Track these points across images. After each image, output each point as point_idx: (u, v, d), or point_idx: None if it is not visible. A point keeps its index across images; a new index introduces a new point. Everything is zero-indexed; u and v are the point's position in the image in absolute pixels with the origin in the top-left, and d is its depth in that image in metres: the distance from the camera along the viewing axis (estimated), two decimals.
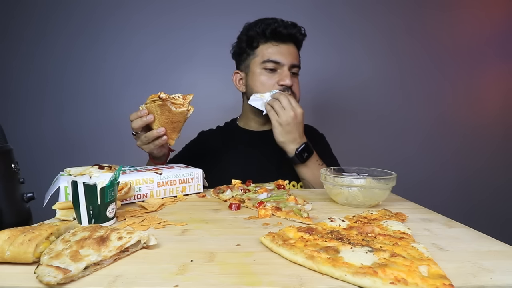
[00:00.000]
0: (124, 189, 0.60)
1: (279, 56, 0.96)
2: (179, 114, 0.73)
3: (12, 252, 0.35)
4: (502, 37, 1.74)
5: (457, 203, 1.74)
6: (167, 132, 0.76)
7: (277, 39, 0.96)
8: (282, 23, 0.97)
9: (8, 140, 0.53)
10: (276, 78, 0.97)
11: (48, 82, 1.73)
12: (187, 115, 0.74)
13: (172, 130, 0.76)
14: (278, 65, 0.96)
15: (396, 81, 1.73)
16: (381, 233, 0.42)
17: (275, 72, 0.97)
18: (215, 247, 0.40)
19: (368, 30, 1.72)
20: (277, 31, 0.95)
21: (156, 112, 0.73)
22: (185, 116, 0.74)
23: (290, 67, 0.97)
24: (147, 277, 0.32)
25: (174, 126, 0.75)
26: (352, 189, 0.59)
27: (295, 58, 0.99)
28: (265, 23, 0.96)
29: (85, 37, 1.71)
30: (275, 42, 0.97)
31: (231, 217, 0.55)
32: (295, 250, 0.36)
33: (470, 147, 1.77)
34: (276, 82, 0.96)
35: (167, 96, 0.71)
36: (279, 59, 0.96)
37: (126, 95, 1.71)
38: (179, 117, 0.73)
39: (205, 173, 0.78)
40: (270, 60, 0.96)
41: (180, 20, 1.69)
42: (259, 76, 0.98)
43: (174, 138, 0.78)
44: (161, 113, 0.73)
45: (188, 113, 0.74)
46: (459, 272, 0.32)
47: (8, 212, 0.50)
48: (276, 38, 0.96)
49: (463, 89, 1.76)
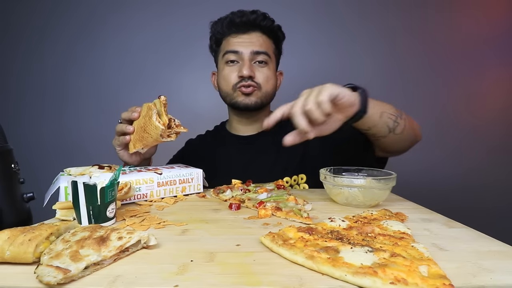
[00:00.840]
0: (124, 189, 0.60)
1: (237, 45, 0.91)
2: (154, 128, 0.64)
3: (12, 252, 0.35)
4: (501, 38, 1.74)
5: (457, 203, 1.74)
6: (134, 135, 0.70)
7: (235, 30, 0.93)
8: (239, 12, 0.92)
9: (8, 140, 0.53)
10: (236, 71, 0.92)
11: (48, 82, 1.73)
12: (162, 138, 0.65)
13: (140, 138, 0.68)
14: (238, 55, 0.92)
15: (395, 81, 1.73)
16: (381, 233, 0.42)
17: (236, 64, 0.93)
18: (215, 247, 0.40)
19: (367, 30, 1.72)
20: (232, 22, 0.92)
21: (142, 113, 0.69)
22: (158, 134, 0.64)
23: (253, 56, 0.91)
24: (147, 277, 0.32)
25: (144, 136, 0.67)
26: (352, 189, 0.59)
27: (259, 45, 0.92)
28: (223, 18, 0.94)
29: (85, 38, 1.71)
30: (234, 34, 0.93)
31: (231, 217, 0.55)
32: (295, 250, 0.36)
33: (470, 147, 1.77)
34: (236, 74, 0.92)
35: (162, 103, 0.65)
36: (236, 48, 0.91)
37: (126, 95, 1.71)
38: (152, 130, 0.65)
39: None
40: (228, 51, 0.92)
41: (181, 21, 1.69)
42: (222, 71, 0.95)
43: (136, 147, 0.70)
44: (144, 115, 0.67)
45: (164, 137, 0.65)
46: (459, 272, 0.32)
47: (8, 212, 0.50)
48: (233, 29, 0.93)
49: (462, 89, 1.76)
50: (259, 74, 0.93)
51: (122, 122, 0.74)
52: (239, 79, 0.92)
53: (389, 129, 0.71)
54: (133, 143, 0.71)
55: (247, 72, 0.90)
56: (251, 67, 0.91)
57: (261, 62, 0.93)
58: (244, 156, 0.99)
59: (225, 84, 0.95)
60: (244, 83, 0.91)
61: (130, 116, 0.71)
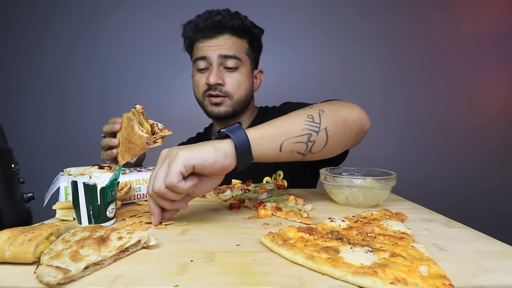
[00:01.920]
0: (124, 189, 0.60)
1: (205, 51, 0.87)
2: (138, 137, 0.63)
3: (12, 252, 0.35)
4: (502, 37, 1.74)
5: (457, 203, 1.74)
6: (121, 147, 0.70)
7: (202, 35, 0.88)
8: (204, 15, 0.88)
9: (8, 140, 0.53)
10: (205, 77, 0.88)
11: (48, 82, 1.73)
12: (149, 145, 0.64)
13: (127, 149, 0.68)
14: (207, 61, 0.87)
15: (396, 81, 1.73)
16: (381, 233, 0.42)
17: (207, 71, 0.89)
18: (215, 247, 0.40)
19: (367, 30, 1.72)
20: (197, 27, 0.88)
21: (124, 124, 0.68)
22: (144, 143, 0.63)
23: (221, 60, 0.87)
24: (147, 277, 0.32)
25: (130, 147, 0.67)
26: (352, 189, 0.59)
27: (227, 48, 0.87)
28: (190, 22, 0.90)
29: (85, 37, 1.71)
30: (202, 39, 0.88)
31: (231, 217, 0.55)
32: (295, 250, 0.36)
33: (470, 147, 1.77)
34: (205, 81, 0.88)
35: (139, 112, 0.63)
36: (202, 54, 0.87)
37: (126, 95, 1.71)
38: (137, 140, 0.64)
39: None
40: (196, 58, 0.89)
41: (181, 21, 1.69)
42: (194, 76, 0.93)
43: (125, 159, 0.69)
44: (126, 126, 0.67)
45: (151, 144, 0.64)
46: (459, 272, 0.32)
47: (8, 212, 0.50)
48: (200, 35, 0.88)
49: (462, 89, 1.76)
50: (229, 81, 0.88)
51: (105, 136, 0.73)
52: (207, 87, 0.88)
53: (301, 154, 0.56)
54: (121, 155, 0.70)
55: (214, 80, 0.86)
56: (218, 74, 0.87)
57: (231, 68, 0.88)
58: None
59: (196, 91, 0.93)
60: (212, 92, 0.88)
61: (112, 129, 0.70)
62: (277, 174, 0.91)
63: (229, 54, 0.87)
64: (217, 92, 0.88)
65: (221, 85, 0.88)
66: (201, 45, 0.89)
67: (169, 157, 0.46)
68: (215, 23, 0.86)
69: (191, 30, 0.90)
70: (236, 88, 0.89)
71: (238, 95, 0.91)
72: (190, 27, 0.90)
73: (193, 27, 0.89)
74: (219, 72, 0.87)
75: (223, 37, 0.87)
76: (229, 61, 0.87)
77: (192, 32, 0.90)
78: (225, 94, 0.89)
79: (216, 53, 0.86)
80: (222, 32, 0.87)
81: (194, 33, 0.89)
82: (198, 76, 0.91)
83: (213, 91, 0.88)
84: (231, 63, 0.87)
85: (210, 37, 0.87)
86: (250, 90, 0.96)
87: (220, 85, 0.88)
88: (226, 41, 0.87)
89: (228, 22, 0.87)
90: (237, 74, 0.89)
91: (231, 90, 0.89)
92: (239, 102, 0.92)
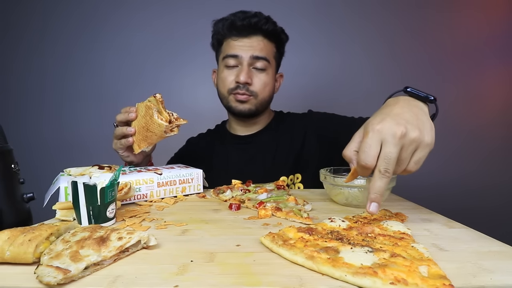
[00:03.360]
0: (124, 189, 0.60)
1: (237, 49, 0.90)
2: (157, 126, 0.65)
3: (12, 252, 0.35)
4: (502, 38, 1.74)
5: (457, 203, 1.74)
6: (137, 136, 0.71)
7: (236, 33, 0.91)
8: (241, 14, 0.90)
9: (8, 140, 0.53)
10: (234, 75, 0.91)
11: (48, 82, 1.73)
12: (166, 133, 0.66)
13: (144, 137, 0.70)
14: (238, 59, 0.90)
15: (395, 81, 1.73)
16: (381, 234, 0.42)
17: (236, 68, 0.91)
18: (215, 247, 0.40)
19: (367, 30, 1.72)
20: (233, 26, 0.90)
21: (141, 113, 0.69)
22: (162, 131, 0.66)
23: (252, 61, 0.90)
24: (147, 277, 0.32)
25: (148, 135, 0.69)
26: (352, 189, 0.59)
27: (259, 50, 0.90)
28: (225, 19, 0.92)
29: (85, 37, 1.71)
30: (235, 37, 0.91)
31: (231, 217, 0.55)
32: (295, 250, 0.36)
33: (470, 147, 1.77)
34: (233, 79, 0.91)
35: (159, 101, 0.66)
36: (236, 52, 0.90)
37: (126, 95, 1.71)
38: (156, 129, 0.66)
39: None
40: (227, 55, 0.91)
41: (181, 21, 1.70)
42: (221, 73, 0.94)
43: (141, 147, 0.71)
44: (144, 115, 0.68)
45: (168, 132, 0.66)
46: (459, 272, 0.32)
47: (8, 212, 0.50)
48: (234, 32, 0.91)
49: (462, 90, 1.76)
50: (257, 81, 0.91)
51: (118, 125, 0.75)
52: (235, 85, 0.91)
53: None
54: (138, 144, 0.72)
55: (244, 79, 0.88)
56: (248, 73, 0.90)
57: (259, 69, 0.92)
58: (241, 155, 1.00)
59: (222, 86, 0.95)
60: (240, 91, 0.90)
61: (127, 118, 0.71)
62: (295, 176, 0.92)
63: (260, 56, 0.90)
64: (244, 91, 0.90)
65: (249, 84, 0.90)
66: (234, 43, 0.91)
67: (413, 142, 0.43)
68: (251, 25, 0.89)
69: (226, 27, 0.92)
70: (262, 89, 0.92)
71: (262, 96, 0.94)
72: (225, 24, 0.92)
73: (229, 24, 0.91)
74: (249, 71, 0.90)
75: (256, 38, 0.91)
76: (259, 62, 0.91)
77: (227, 29, 0.91)
78: (251, 93, 0.91)
79: (248, 53, 0.89)
80: (256, 33, 0.91)
81: (228, 30, 0.91)
82: (225, 73, 0.93)
83: (240, 89, 0.90)
84: (260, 64, 0.91)
85: (244, 36, 0.90)
86: (272, 92, 0.99)
87: (248, 84, 0.90)
88: (258, 43, 0.91)
89: (263, 25, 0.90)
90: (264, 75, 0.93)
91: (257, 90, 0.92)
92: (263, 102, 0.95)
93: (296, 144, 0.97)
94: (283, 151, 0.97)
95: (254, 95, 0.92)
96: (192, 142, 1.13)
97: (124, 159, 0.79)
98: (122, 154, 0.77)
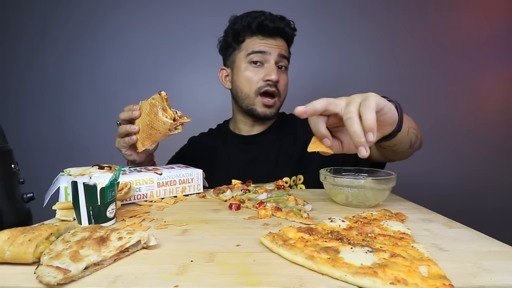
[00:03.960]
0: (124, 189, 0.60)
1: (263, 47, 0.90)
2: (162, 124, 0.65)
3: (12, 252, 0.35)
4: (502, 38, 1.74)
5: (457, 203, 1.74)
6: (141, 134, 0.70)
7: (264, 33, 0.91)
8: (270, 16, 0.91)
9: (8, 140, 0.53)
10: (262, 74, 0.90)
11: (48, 82, 1.73)
12: (170, 131, 0.67)
13: (148, 135, 0.69)
14: (264, 57, 0.90)
15: (395, 81, 1.73)
16: (381, 234, 0.42)
17: (261, 67, 0.91)
18: (215, 247, 0.40)
19: (367, 30, 1.72)
20: (263, 25, 0.90)
21: (145, 111, 0.69)
22: (167, 129, 0.66)
23: (279, 59, 0.91)
24: (147, 277, 0.32)
25: (152, 133, 0.68)
26: (352, 189, 0.59)
27: (284, 50, 0.93)
28: (252, 16, 0.92)
29: (85, 37, 1.71)
30: (262, 36, 0.91)
31: (231, 217, 0.55)
32: (295, 250, 0.36)
33: (469, 147, 1.77)
34: (261, 77, 0.90)
35: (164, 98, 0.66)
36: (262, 48, 0.90)
37: (126, 95, 1.71)
38: (160, 126, 0.66)
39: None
40: (255, 51, 0.90)
41: (180, 20, 1.69)
42: (244, 71, 0.92)
43: (145, 145, 0.71)
44: (148, 113, 0.68)
45: (172, 130, 0.67)
46: (459, 272, 0.32)
47: (8, 212, 0.50)
48: (262, 32, 0.91)
49: (462, 90, 1.76)
50: (281, 81, 0.92)
51: (121, 123, 0.74)
52: (264, 83, 0.90)
53: (410, 145, 0.69)
54: (141, 142, 0.71)
55: (276, 77, 0.89)
56: (278, 74, 0.90)
57: (283, 68, 0.93)
58: (244, 155, 1.00)
59: (247, 86, 0.92)
60: (270, 89, 0.90)
61: (131, 116, 0.71)
62: (298, 177, 0.92)
63: (286, 55, 0.93)
64: (274, 89, 0.90)
65: (277, 82, 0.91)
66: (260, 41, 0.92)
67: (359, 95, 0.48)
68: (279, 28, 0.92)
69: (255, 25, 0.91)
70: (284, 88, 0.95)
71: (283, 95, 0.96)
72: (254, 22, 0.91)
73: (259, 23, 0.91)
74: (278, 70, 0.91)
75: (280, 40, 0.93)
76: (283, 62, 0.93)
77: (255, 27, 0.91)
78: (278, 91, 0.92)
79: (276, 51, 0.90)
80: (281, 36, 0.94)
81: (257, 28, 0.91)
82: (251, 72, 0.92)
83: (271, 88, 0.90)
84: (284, 63, 0.94)
85: (270, 37, 0.92)
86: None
87: (277, 83, 0.91)
88: (282, 43, 0.94)
89: (289, 30, 0.94)
90: (285, 75, 0.95)
91: (281, 89, 0.93)
92: (282, 102, 0.97)
93: (298, 145, 0.97)
94: (286, 152, 0.97)
95: (279, 94, 0.93)
96: (193, 141, 1.12)
97: (127, 157, 0.79)
98: (125, 153, 0.77)
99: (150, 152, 0.82)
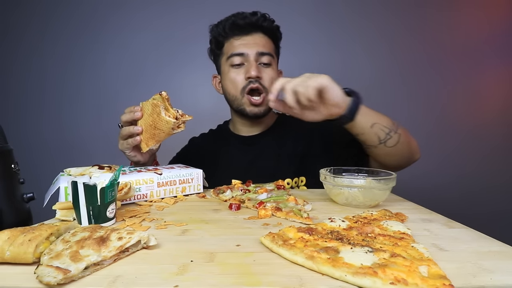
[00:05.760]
0: (124, 189, 0.60)
1: (242, 47, 0.90)
2: (165, 123, 0.66)
3: (12, 252, 0.35)
4: (502, 37, 1.74)
5: (457, 203, 1.74)
6: (144, 134, 0.71)
7: (238, 32, 0.92)
8: (241, 14, 0.92)
9: (8, 140, 0.53)
10: (243, 73, 0.91)
11: (48, 82, 1.73)
12: (174, 130, 0.68)
13: (151, 136, 0.70)
14: (243, 57, 0.90)
15: (395, 81, 1.73)
16: (381, 234, 0.42)
17: (243, 67, 0.91)
18: (215, 247, 0.40)
19: (367, 30, 1.72)
20: (234, 24, 0.91)
21: (147, 111, 0.70)
22: (170, 128, 0.67)
23: (258, 57, 0.91)
24: (147, 277, 0.32)
25: (155, 133, 0.69)
26: (352, 189, 0.59)
27: (263, 46, 0.92)
28: (225, 20, 0.93)
29: (85, 38, 1.71)
30: (237, 36, 0.92)
31: (231, 217, 0.55)
32: (295, 250, 0.36)
33: (469, 147, 1.77)
34: (244, 77, 0.90)
35: (165, 98, 0.66)
36: (241, 50, 0.90)
37: (126, 95, 1.71)
38: (163, 126, 0.67)
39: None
40: (233, 54, 0.91)
41: (181, 21, 1.70)
42: (228, 74, 0.93)
43: (149, 145, 0.71)
44: (151, 113, 0.68)
45: (175, 129, 0.68)
46: (459, 272, 0.32)
47: (8, 212, 0.50)
48: (235, 31, 0.92)
49: (462, 89, 1.76)
50: (265, 76, 0.91)
51: (123, 125, 0.74)
52: (247, 81, 0.90)
53: (379, 140, 0.72)
54: (145, 142, 0.72)
55: (255, 73, 0.88)
56: (258, 68, 0.90)
57: (266, 64, 0.92)
58: (245, 156, 0.99)
59: (232, 88, 0.93)
60: (253, 85, 0.90)
61: (133, 117, 0.71)
62: (300, 179, 0.92)
63: (265, 51, 0.92)
64: (257, 85, 0.90)
65: (260, 78, 0.90)
66: (237, 42, 0.92)
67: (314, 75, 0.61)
68: (252, 22, 0.91)
69: (228, 28, 0.92)
70: (270, 83, 0.92)
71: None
72: (227, 24, 0.92)
73: (230, 24, 0.92)
74: (258, 66, 0.91)
75: (257, 35, 0.92)
76: (265, 58, 0.92)
77: (229, 29, 0.92)
78: (263, 87, 0.91)
79: (254, 50, 0.90)
80: (257, 31, 0.93)
81: (230, 30, 0.92)
82: (233, 73, 0.92)
83: (253, 84, 0.89)
84: (266, 59, 0.92)
85: (246, 34, 0.92)
86: None
87: (259, 78, 0.90)
88: (260, 39, 0.93)
89: (263, 22, 0.92)
90: (270, 70, 0.94)
91: (267, 84, 0.92)
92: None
93: (300, 147, 0.97)
94: (287, 154, 0.97)
95: (265, 90, 0.92)
96: (194, 141, 1.12)
97: (131, 159, 0.79)
98: (129, 154, 0.77)
99: (154, 152, 0.82)
